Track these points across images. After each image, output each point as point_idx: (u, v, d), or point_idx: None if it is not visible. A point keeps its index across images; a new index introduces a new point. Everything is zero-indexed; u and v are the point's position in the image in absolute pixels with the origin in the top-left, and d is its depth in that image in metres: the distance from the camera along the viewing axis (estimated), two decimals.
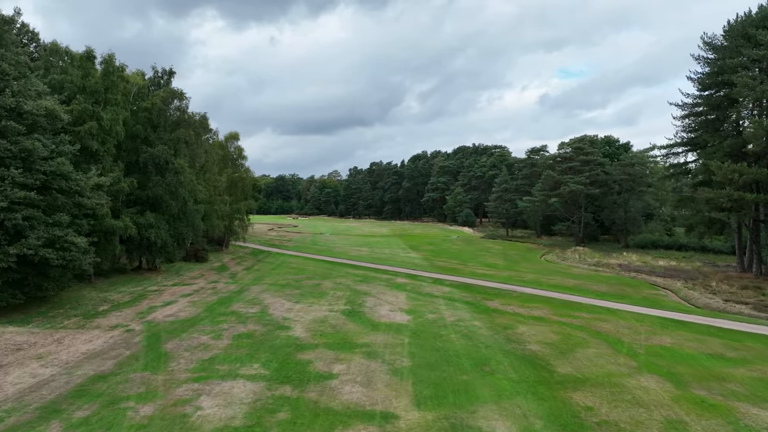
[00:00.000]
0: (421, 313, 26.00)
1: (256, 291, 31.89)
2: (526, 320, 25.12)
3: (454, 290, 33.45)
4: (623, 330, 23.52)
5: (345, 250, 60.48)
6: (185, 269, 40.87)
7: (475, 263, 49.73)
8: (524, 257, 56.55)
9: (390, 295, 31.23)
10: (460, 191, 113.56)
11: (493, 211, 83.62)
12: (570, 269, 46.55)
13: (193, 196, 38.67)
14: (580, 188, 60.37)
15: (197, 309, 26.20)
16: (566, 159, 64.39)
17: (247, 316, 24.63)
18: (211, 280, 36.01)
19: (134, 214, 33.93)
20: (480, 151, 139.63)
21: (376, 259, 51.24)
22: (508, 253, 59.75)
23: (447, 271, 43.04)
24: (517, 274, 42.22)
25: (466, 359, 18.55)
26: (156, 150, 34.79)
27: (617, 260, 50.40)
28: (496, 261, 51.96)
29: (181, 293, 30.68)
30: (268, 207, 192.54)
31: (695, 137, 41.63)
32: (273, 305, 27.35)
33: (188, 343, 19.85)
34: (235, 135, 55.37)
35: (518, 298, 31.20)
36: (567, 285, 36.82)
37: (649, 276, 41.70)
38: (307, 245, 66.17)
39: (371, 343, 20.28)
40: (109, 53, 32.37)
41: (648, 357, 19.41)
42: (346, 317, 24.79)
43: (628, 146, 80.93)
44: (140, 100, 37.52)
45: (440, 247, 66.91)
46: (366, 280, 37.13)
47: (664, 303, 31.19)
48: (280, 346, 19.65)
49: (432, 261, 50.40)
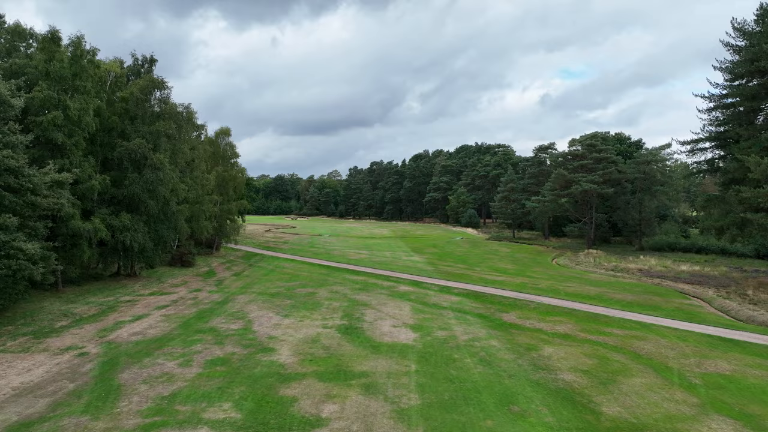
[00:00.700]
0: (428, 330, 22.51)
1: (242, 302, 28.40)
2: (551, 338, 21.62)
3: (464, 300, 29.95)
4: (667, 352, 20.01)
5: (344, 253, 57.01)
6: (168, 275, 37.38)
7: (483, 268, 46.21)
8: (535, 261, 53.00)
9: (392, 306, 27.73)
10: (463, 191, 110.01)
11: (499, 211, 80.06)
12: (587, 275, 43.00)
13: (175, 196, 35.20)
14: (593, 187, 56.82)
15: (170, 325, 22.71)
16: (578, 157, 60.81)
17: (227, 335, 21.14)
18: (193, 289, 32.51)
19: (108, 215, 30.48)
20: (483, 149, 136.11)
21: (377, 263, 47.75)
22: (517, 257, 56.20)
23: (454, 277, 39.53)
24: (530, 280, 38.70)
25: (487, 394, 15.07)
26: (132, 144, 31.34)
27: (636, 264, 46.84)
28: (505, 265, 48.42)
29: (157, 304, 27.19)
30: (267, 207, 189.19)
31: (725, 131, 38.12)
32: (258, 320, 23.85)
33: (149, 372, 16.37)
34: (226, 131, 51.90)
35: (536, 309, 27.70)
36: (588, 293, 33.31)
37: (675, 283, 38.16)
38: (303, 248, 62.68)
39: (371, 371, 16.79)
40: (78, 35, 28.96)
41: (709, 390, 15.90)
42: (341, 335, 21.30)
43: (640, 143, 77.41)
44: (118, 90, 34.12)
45: (444, 249, 63.39)
46: (366, 288, 33.64)
47: (701, 316, 27.65)
48: (260, 376, 16.17)
49: (437, 265, 46.90)
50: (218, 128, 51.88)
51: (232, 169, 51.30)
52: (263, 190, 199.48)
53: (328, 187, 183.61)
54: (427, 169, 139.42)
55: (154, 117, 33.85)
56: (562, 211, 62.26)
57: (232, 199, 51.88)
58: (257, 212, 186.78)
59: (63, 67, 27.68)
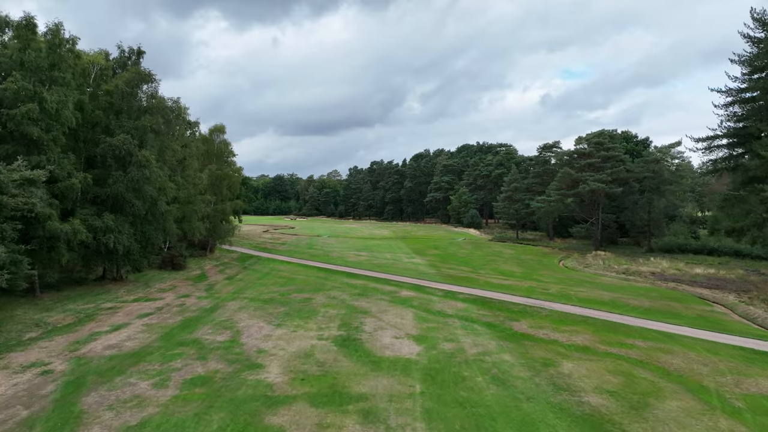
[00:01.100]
0: (434, 342, 20.53)
1: (232, 309, 26.42)
2: (568, 352, 19.64)
3: (470, 307, 27.96)
4: (699, 368, 18.03)
5: (343, 255, 55.03)
6: (156, 279, 35.40)
7: (488, 271, 44.23)
8: (541, 263, 51.02)
9: (394, 313, 25.75)
10: (465, 191, 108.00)
11: (502, 212, 78.06)
12: (597, 278, 41.02)
13: (164, 195, 33.21)
14: (601, 187, 54.83)
15: (151, 336, 20.74)
16: (585, 155, 58.82)
17: (211, 348, 19.16)
18: (181, 294, 30.52)
19: (89, 215, 28.49)
20: (485, 149, 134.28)
21: (377, 266, 45.77)
22: (522, 259, 54.22)
23: (458, 281, 37.55)
24: (539, 284, 36.71)
25: (504, 422, 13.11)
26: (116, 140, 29.35)
27: (648, 267, 44.87)
28: (511, 268, 46.44)
29: (140, 312, 25.22)
30: (266, 207, 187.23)
31: (744, 127, 36.14)
32: (248, 330, 21.88)
33: (118, 394, 14.40)
34: (221, 128, 49.94)
35: (549, 317, 25.72)
36: (601, 299, 31.33)
37: (692, 287, 36.19)
38: (301, 249, 60.71)
39: (370, 393, 14.82)
40: (56, 22, 26.96)
41: (756, 416, 13.95)
42: (338, 348, 19.32)
43: (647, 142, 75.41)
44: (103, 83, 32.15)
45: (447, 251, 61.41)
46: (365, 293, 31.65)
47: (727, 324, 25.67)
48: (244, 399, 14.20)
49: (439, 268, 44.91)
50: (212, 125, 49.86)
51: (226, 168, 49.27)
52: (262, 190, 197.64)
53: (328, 187, 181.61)
54: (428, 168, 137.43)
55: (140, 111, 31.88)
56: (569, 212, 60.27)
57: (226, 199, 49.90)
58: (256, 212, 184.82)
59: (39, 57, 25.71)
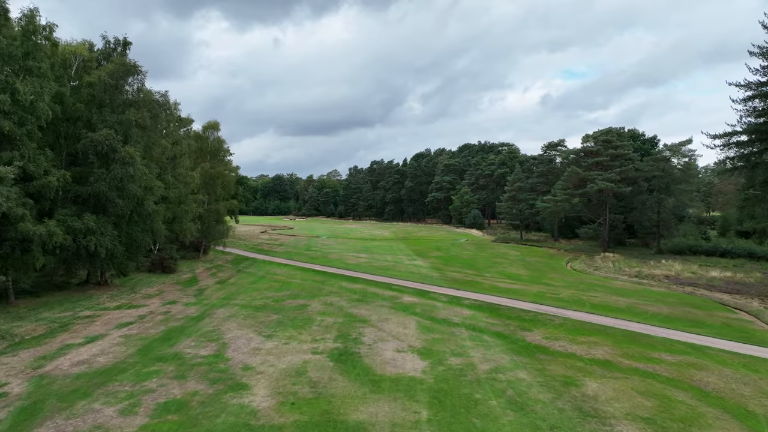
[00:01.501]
0: (440, 356, 18.55)
1: (220, 317, 24.44)
2: (590, 367, 17.66)
3: (477, 314, 25.98)
4: (739, 387, 16.05)
5: (342, 256, 53.05)
6: (144, 283, 33.43)
7: (493, 274, 42.24)
8: (549, 266, 49.03)
9: (395, 322, 23.77)
10: (467, 191, 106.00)
11: (506, 212, 76.07)
12: (609, 282, 39.03)
13: (151, 194, 31.23)
14: (609, 186, 52.84)
15: (127, 350, 18.76)
16: (592, 153, 56.82)
17: (193, 364, 17.19)
18: (168, 300, 28.54)
19: (68, 216, 26.54)
20: (486, 148, 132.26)
21: (378, 268, 43.78)
22: (528, 261, 52.23)
23: (463, 285, 35.57)
24: (548, 289, 34.72)
25: None
26: (98, 135, 27.40)
27: (660, 270, 42.87)
28: (518, 271, 44.44)
29: (120, 321, 23.24)
30: (265, 208, 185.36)
31: (766, 122, 34.15)
32: (235, 342, 19.90)
33: (76, 424, 12.42)
34: (215, 125, 47.96)
35: (563, 326, 23.74)
36: (616, 305, 29.34)
37: (710, 292, 34.21)
38: (299, 251, 58.73)
39: (370, 421, 12.84)
40: (31, 8, 24.99)
41: None
42: (334, 364, 17.35)
43: (654, 140, 73.40)
44: (86, 75, 30.19)
45: (449, 252, 59.42)
46: (365, 298, 29.67)
47: (758, 335, 23.68)
48: (223, 430, 12.21)
49: (443, 271, 42.92)
50: (206, 122, 47.90)
51: (220, 166, 47.27)
52: (261, 190, 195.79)
53: (328, 187, 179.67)
54: (429, 168, 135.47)
55: (125, 105, 29.90)
56: (575, 212, 58.31)
57: (221, 199, 47.90)
58: (255, 213, 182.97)
59: (12, 45, 23.74)
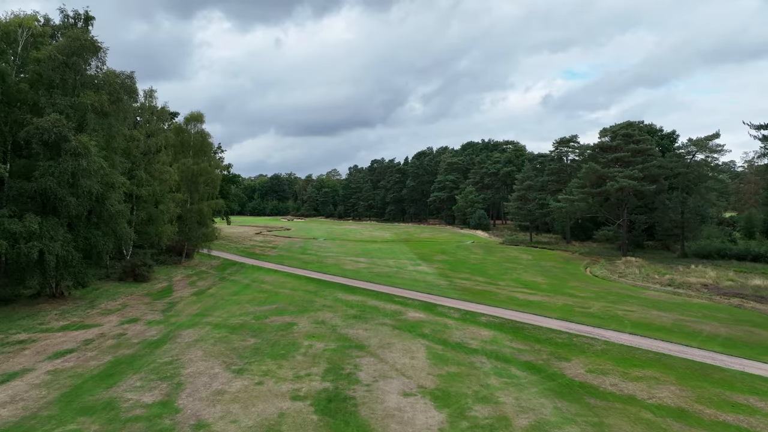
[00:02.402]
0: (461, 403, 14.02)
1: (185, 341, 19.94)
2: (662, 422, 13.14)
3: (498, 336, 21.47)
4: None
5: (339, 261, 48.54)
6: (108, 295, 28.93)
7: (508, 281, 37.71)
8: (567, 272, 44.48)
9: (400, 348, 19.26)
10: (472, 190, 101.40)
11: (515, 212, 71.54)
12: (641, 292, 34.49)
13: (114, 191, 26.74)
14: (632, 184, 48.32)
15: (48, 394, 14.25)
16: (611, 149, 52.24)
17: (127, 419, 12.68)
18: (128, 317, 24.04)
19: (6, 217, 22.08)
20: (491, 146, 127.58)
21: (378, 276, 39.27)
22: (543, 266, 47.66)
23: (475, 296, 31.06)
24: (574, 300, 30.18)
25: None
26: (44, 121, 22.92)
27: (695, 277, 38.30)
28: (534, 278, 39.89)
29: (57, 349, 18.74)
30: (263, 208, 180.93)
31: None
32: (194, 381, 15.38)
33: None
34: (198, 116, 43.38)
35: (607, 354, 19.22)
36: (660, 323, 24.81)
37: (762, 305, 29.68)
38: (293, 254, 54.24)
39: None
40: None
41: None
42: (320, 418, 12.83)
43: (674, 136, 68.83)
44: (34, 51, 25.70)
45: (456, 256, 54.88)
46: (363, 315, 25.15)
47: None
48: None
49: (451, 279, 38.39)
50: (188, 113, 43.33)
51: (204, 162, 42.71)
52: (259, 189, 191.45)
53: (327, 186, 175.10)
54: (431, 167, 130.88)
55: (81, 86, 25.41)
56: (592, 212, 53.78)
57: (204, 198, 43.36)
58: (253, 213, 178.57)
59: None
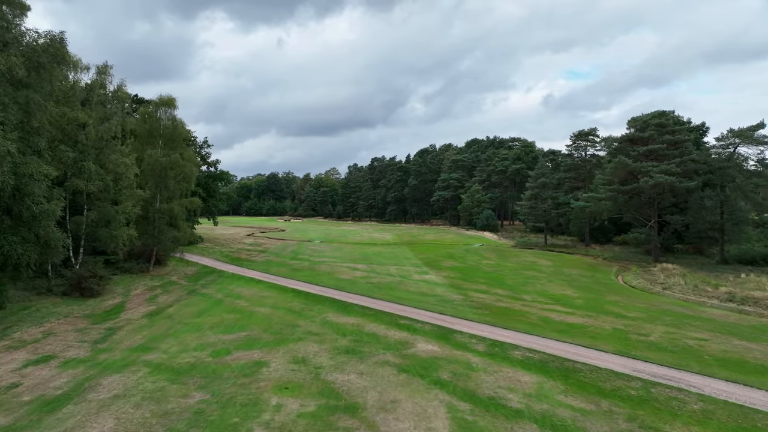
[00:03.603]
0: None
1: (98, 400, 13.82)
2: None
3: (546, 385, 15.35)
4: None
5: (334, 268, 42.41)
6: (33, 318, 22.77)
7: (533, 295, 31.55)
8: (597, 281, 38.28)
9: (410, 413, 13.15)
10: (478, 188, 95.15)
11: (528, 212, 65.35)
12: (698, 309, 28.29)
13: (36, 185, 20.63)
14: (669, 180, 42.13)
15: None
16: (642, 141, 45.95)
17: None
18: (40, 355, 17.90)
19: None
20: (496, 143, 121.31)
21: (378, 287, 33.17)
22: (568, 274, 41.41)
23: (499, 316, 24.94)
24: (625, 324, 23.98)
25: None
26: None
27: (758, 291, 32.06)
28: (562, 290, 33.71)
29: None
30: (260, 208, 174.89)
31: None
32: None
33: None
34: (169, 101, 37.11)
35: (712, 419, 13.16)
36: (754, 360, 18.66)
37: None
38: (283, 260, 48.12)
39: None
40: None
41: None
42: None
43: (703, 128, 62.62)
44: None
45: (466, 262, 48.70)
46: (358, 348, 19.02)
47: None
48: None
49: (465, 291, 32.27)
50: (158, 96, 37.05)
51: (175, 154, 36.46)
52: (255, 189, 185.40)
53: (325, 185, 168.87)
54: (434, 165, 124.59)
55: None
56: (620, 212, 47.56)
57: (175, 196, 37.17)
58: (249, 213, 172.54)
59: None
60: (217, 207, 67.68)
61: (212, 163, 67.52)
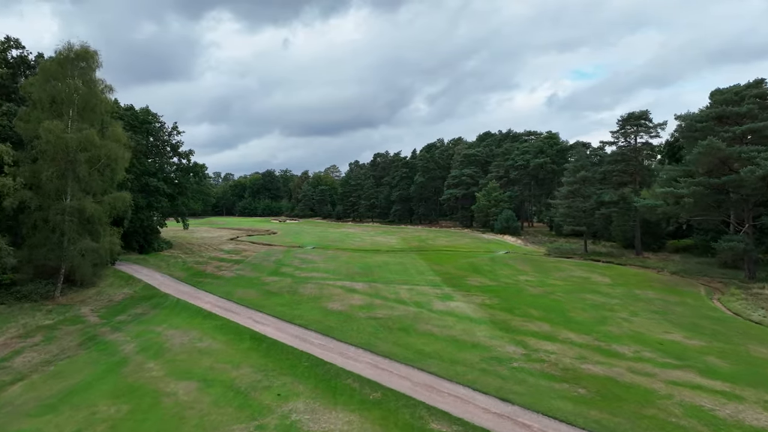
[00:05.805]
0: None
1: None
2: None
3: None
4: None
5: (323, 290, 31.12)
6: None
7: (630, 343, 20.11)
8: (699, 312, 26.73)
9: None
10: (496, 186, 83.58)
11: (565, 213, 53.84)
12: None
13: None
14: None
15: None
16: (734, 118, 34.37)
17: None
18: None
19: None
20: (512, 137, 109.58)
21: (385, 327, 21.86)
22: (646, 298, 29.90)
23: (606, 401, 13.62)
24: None
25: None
26: None
27: None
28: (664, 331, 22.18)
29: None
30: (254, 208, 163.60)
31: None
32: None
33: None
34: (85, 53, 25.75)
35: None
36: None
37: None
38: (258, 276, 36.85)
39: None
40: None
41: None
42: None
43: None
44: None
45: (498, 279, 37.26)
46: None
47: None
48: None
49: (520, 336, 20.91)
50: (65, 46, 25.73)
51: (91, 129, 25.08)
52: (250, 187, 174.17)
53: (324, 184, 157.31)
54: (443, 160, 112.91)
55: None
56: (705, 212, 36.00)
57: (92, 190, 25.80)
58: (242, 213, 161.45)
59: None
60: (187, 206, 56.34)
61: (184, 154, 56.27)
